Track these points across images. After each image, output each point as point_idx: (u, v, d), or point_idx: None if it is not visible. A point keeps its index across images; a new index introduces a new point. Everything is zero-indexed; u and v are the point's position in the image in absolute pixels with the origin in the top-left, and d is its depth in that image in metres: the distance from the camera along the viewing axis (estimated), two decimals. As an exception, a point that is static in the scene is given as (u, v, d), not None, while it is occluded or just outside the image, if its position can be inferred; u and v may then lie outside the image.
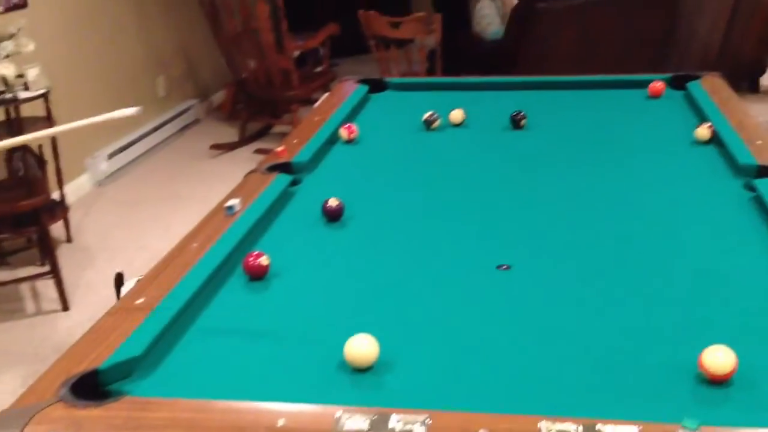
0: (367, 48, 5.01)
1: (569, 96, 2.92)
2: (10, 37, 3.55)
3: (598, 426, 1.05)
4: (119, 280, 2.10)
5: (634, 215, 1.87)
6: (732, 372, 1.19)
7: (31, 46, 3.64)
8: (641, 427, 1.05)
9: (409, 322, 1.45)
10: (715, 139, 2.30)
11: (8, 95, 3.53)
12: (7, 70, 3.56)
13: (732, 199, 1.93)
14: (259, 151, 5.24)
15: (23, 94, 3.62)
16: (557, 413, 1.09)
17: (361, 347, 1.29)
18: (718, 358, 1.19)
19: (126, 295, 1.55)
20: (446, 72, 5.03)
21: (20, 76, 3.68)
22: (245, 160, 5.06)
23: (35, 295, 3.47)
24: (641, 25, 5.03)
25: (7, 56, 3.55)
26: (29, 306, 3.39)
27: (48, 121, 3.79)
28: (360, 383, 1.27)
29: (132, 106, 4.83)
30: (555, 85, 3.03)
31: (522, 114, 2.56)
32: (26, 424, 1.14)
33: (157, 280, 1.59)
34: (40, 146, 3.78)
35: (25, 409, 1.18)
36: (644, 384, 1.22)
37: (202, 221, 1.92)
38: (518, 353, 1.33)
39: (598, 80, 3.01)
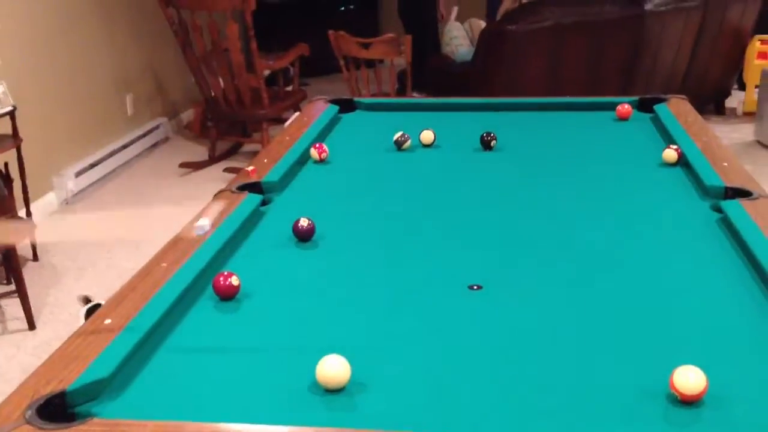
0: (338, 67, 5.02)
1: (538, 117, 2.95)
2: (-24, 53, 3.51)
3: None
4: (88, 304, 2.06)
5: (603, 236, 1.89)
6: (703, 392, 1.20)
7: (-3, 63, 3.60)
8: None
9: (380, 343, 1.45)
10: (682, 161, 2.33)
11: (-27, 112, 3.49)
12: (-27, 86, 3.52)
13: (700, 219, 1.95)
14: (228, 170, 5.21)
15: (-12, 112, 3.57)
16: (530, 434, 1.09)
17: (333, 368, 1.29)
18: (690, 379, 1.20)
19: (93, 315, 1.53)
20: (416, 93, 5.06)
21: (-14, 93, 3.64)
22: (215, 178, 5.04)
23: (1, 314, 3.41)
24: (608, 48, 5.11)
25: (-27, 72, 3.50)
26: (-8, 326, 3.33)
27: (14, 138, 3.74)
28: (332, 405, 1.26)
29: (100, 122, 4.81)
30: (524, 106, 3.06)
31: (492, 135, 2.58)
32: (-10, 448, 1.12)
33: (126, 300, 1.57)
34: (6, 164, 3.73)
35: (-12, 432, 1.16)
36: (616, 405, 1.23)
37: (170, 241, 1.90)
38: (491, 375, 1.33)
39: (566, 102, 3.05)
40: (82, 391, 1.26)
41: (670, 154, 2.35)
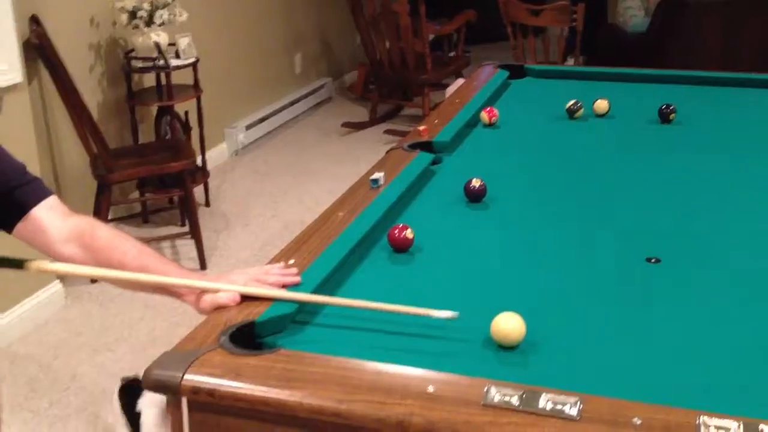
0: (500, 35, 4.96)
1: (717, 92, 2.81)
2: (165, 5, 3.72)
3: (761, 426, 1.02)
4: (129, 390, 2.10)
5: (793, 218, 1.79)
6: None
7: (184, 16, 3.80)
8: (807, 432, 1.01)
9: (555, 304, 1.44)
10: None
11: (161, 62, 3.71)
12: (161, 37, 3.74)
13: None
14: (388, 132, 5.29)
15: (174, 62, 3.79)
16: (716, 410, 1.06)
17: (510, 325, 1.30)
18: None
19: (278, 255, 1.61)
20: (585, 63, 4.93)
21: (172, 44, 3.86)
22: (374, 140, 5.14)
23: (175, 253, 3.65)
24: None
25: (161, 24, 3.72)
26: (168, 264, 3.56)
27: (195, 89, 3.96)
28: (506, 360, 1.27)
29: (270, 79, 4.99)
30: (706, 80, 2.92)
31: (672, 107, 2.48)
32: (189, 366, 1.21)
33: (306, 244, 1.64)
34: (186, 112, 3.96)
35: (187, 352, 1.25)
36: (807, 390, 1.17)
37: (346, 192, 1.96)
38: (671, 345, 1.30)
39: (749, 78, 2.88)
40: (269, 323, 1.33)
41: None
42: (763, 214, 1.83)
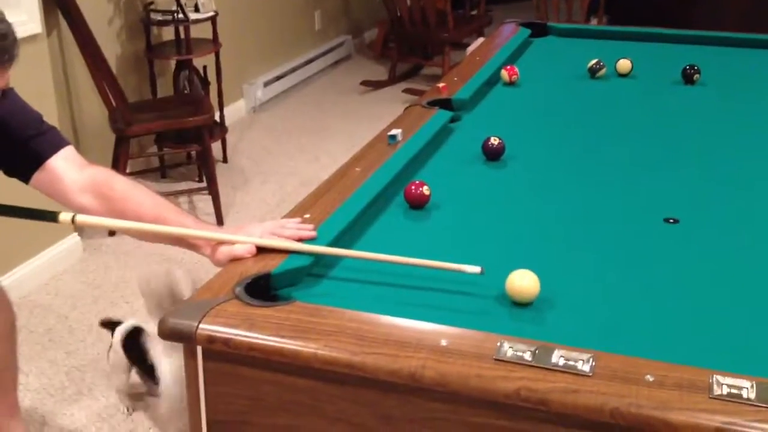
0: (526, -6, 4.88)
1: (745, 54, 2.76)
2: (185, -41, 3.68)
3: (774, 386, 1.01)
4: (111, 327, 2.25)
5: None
6: None
7: (204, -30, 3.77)
8: (821, 393, 1.00)
9: (571, 263, 1.44)
10: None
11: (180, 15, 3.68)
12: (181, -9, 3.71)
13: None
14: (407, 91, 5.25)
15: (193, 16, 3.77)
16: (730, 369, 1.06)
17: (524, 282, 1.29)
18: None
19: (294, 208, 1.61)
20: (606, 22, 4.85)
21: (192, -2, 3.83)
22: (393, 98, 5.10)
23: (193, 208, 3.66)
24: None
25: (182, -22, 3.69)
26: (185, 218, 3.57)
27: (214, 43, 3.94)
28: (520, 317, 1.27)
29: (289, 36, 4.93)
30: (732, 42, 2.86)
31: (696, 68, 2.44)
32: (205, 315, 1.22)
33: (323, 199, 1.64)
34: (204, 67, 3.94)
35: (202, 302, 1.26)
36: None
37: (364, 148, 1.95)
38: (686, 305, 1.29)
39: (780, 40, 2.82)
40: (285, 275, 1.34)
41: None
42: (786, 177, 1.80)
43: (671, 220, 1.59)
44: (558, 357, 1.10)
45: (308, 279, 1.38)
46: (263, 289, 1.32)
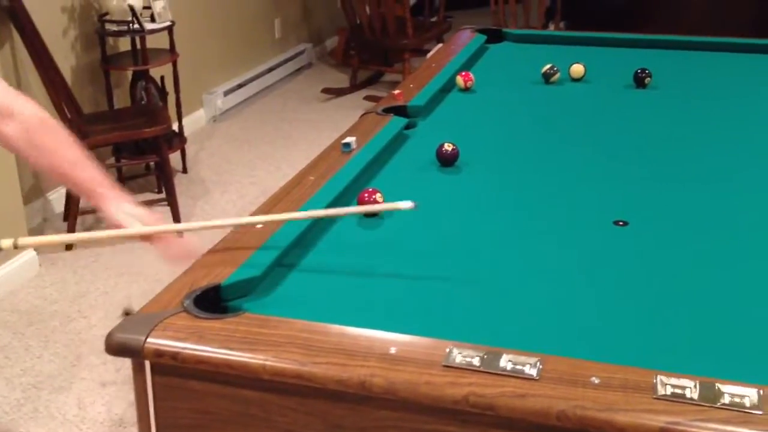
0: (482, 1, 4.92)
1: (698, 57, 2.80)
2: (140, -31, 3.65)
3: (717, 385, 1.03)
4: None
5: (757, 180, 1.79)
6: None
7: (159, -21, 3.74)
8: (763, 391, 1.02)
9: (522, 267, 1.45)
10: None
11: (135, 26, 3.65)
12: (135, 1, 3.68)
13: None
14: (369, 98, 5.25)
15: (149, 26, 3.74)
16: (674, 369, 1.07)
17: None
18: None
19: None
20: (563, 27, 4.90)
21: (147, 7, 3.80)
22: (355, 106, 5.10)
23: (151, 220, 3.62)
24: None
25: (136, -12, 3.66)
26: (144, 230, 3.53)
27: (171, 53, 3.91)
28: (469, 321, 1.28)
29: (249, 44, 4.92)
30: (685, 45, 2.90)
31: (647, 72, 2.47)
32: (152, 330, 1.20)
33: (276, 208, 1.63)
34: (162, 77, 3.91)
35: (150, 315, 1.25)
36: (765, 347, 1.18)
37: (318, 156, 1.95)
38: (633, 307, 1.31)
39: (730, 42, 2.87)
40: (235, 286, 1.33)
41: None
42: (733, 178, 1.83)
43: (620, 223, 1.60)
44: (506, 361, 1.11)
45: (260, 289, 1.37)
46: (213, 301, 1.31)
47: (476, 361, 1.11)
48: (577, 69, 2.57)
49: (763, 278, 1.39)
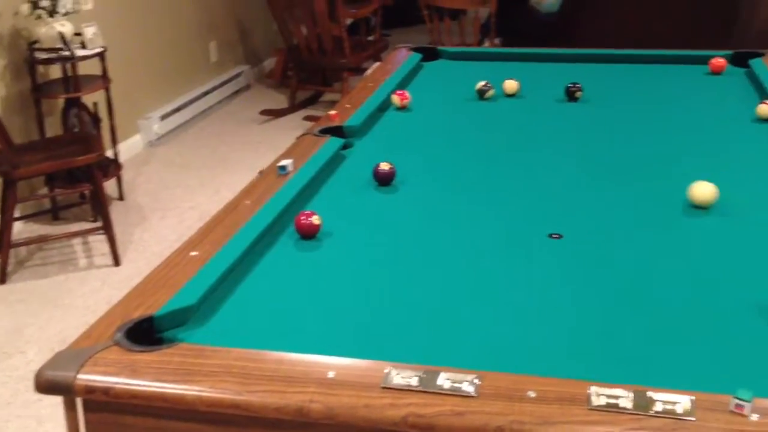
0: (418, 19, 4.97)
1: (627, 70, 2.87)
2: (70, -5, 3.59)
3: (650, 393, 1.04)
4: None
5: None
6: None
7: (89, 5, 3.69)
8: (694, 397, 1.04)
9: (459, 284, 1.45)
10: (777, 117, 2.24)
11: (66, 53, 3.58)
12: (65, 27, 3.62)
13: (794, 177, 1.88)
14: (308, 118, 5.25)
15: (80, 52, 3.67)
16: (607, 380, 1.08)
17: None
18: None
19: (181, 246, 1.57)
20: (498, 43, 4.97)
21: (78, 34, 3.74)
22: (294, 126, 5.09)
23: (87, 250, 3.54)
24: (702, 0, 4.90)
25: (66, 14, 3.60)
26: (81, 260, 3.46)
27: (104, 79, 3.85)
28: (408, 341, 1.27)
29: (185, 68, 4.89)
30: (613, 58, 2.98)
31: (577, 86, 2.53)
32: (82, 366, 1.17)
33: (212, 234, 1.61)
34: (95, 104, 3.84)
35: (81, 351, 1.21)
36: (697, 354, 1.20)
37: (254, 180, 1.93)
38: (567, 319, 1.32)
39: (657, 55, 2.95)
40: (169, 317, 1.30)
41: (765, 109, 2.25)
42: (663, 186, 1.87)
43: (555, 236, 1.62)
44: (444, 380, 1.11)
45: (195, 318, 1.34)
46: (147, 332, 1.29)
47: (414, 381, 1.10)
48: (511, 85, 2.61)
49: (692, 285, 1.42)
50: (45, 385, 1.17)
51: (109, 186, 3.99)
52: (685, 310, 1.34)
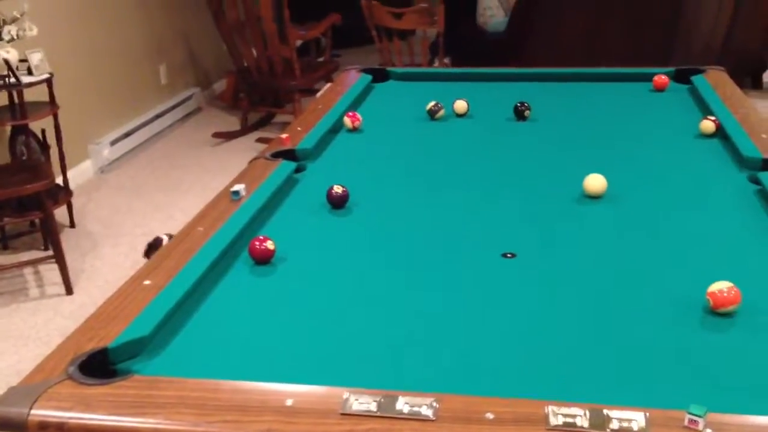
0: (369, 39, 5.00)
1: (574, 88, 2.93)
2: (14, 21, 3.55)
3: (605, 411, 1.06)
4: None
5: (638, 205, 1.88)
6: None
7: (34, 31, 3.63)
8: (649, 413, 1.06)
9: (414, 308, 1.46)
10: (719, 133, 2.30)
11: (12, 79, 3.53)
12: (10, 54, 3.56)
13: (737, 190, 1.93)
14: (260, 140, 5.24)
15: (27, 79, 3.61)
16: (564, 398, 1.10)
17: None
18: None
19: (134, 275, 1.56)
20: (448, 63, 5.03)
21: (23, 60, 3.68)
22: (247, 149, 5.07)
23: (38, 279, 3.48)
24: (645, 17, 5.03)
25: (11, 40, 3.54)
26: (32, 290, 3.39)
27: (51, 105, 3.79)
28: (366, 366, 1.28)
29: (134, 92, 4.85)
30: (559, 77, 3.04)
31: (526, 105, 2.57)
32: (35, 401, 1.15)
33: (165, 263, 1.60)
34: (43, 131, 3.78)
35: (33, 386, 1.19)
36: (650, 370, 1.23)
37: (207, 206, 1.92)
38: (524, 339, 1.34)
39: (602, 73, 3.02)
40: (123, 348, 1.29)
41: (708, 125, 2.32)
42: (614, 201, 1.91)
43: (509, 255, 1.65)
44: (403, 404, 1.11)
45: (149, 349, 1.33)
46: (101, 365, 1.27)
47: (373, 407, 1.11)
48: (461, 105, 2.64)
49: (647, 302, 1.45)
50: (-4, 423, 1.15)
51: (60, 213, 3.92)
52: (639, 327, 1.37)
